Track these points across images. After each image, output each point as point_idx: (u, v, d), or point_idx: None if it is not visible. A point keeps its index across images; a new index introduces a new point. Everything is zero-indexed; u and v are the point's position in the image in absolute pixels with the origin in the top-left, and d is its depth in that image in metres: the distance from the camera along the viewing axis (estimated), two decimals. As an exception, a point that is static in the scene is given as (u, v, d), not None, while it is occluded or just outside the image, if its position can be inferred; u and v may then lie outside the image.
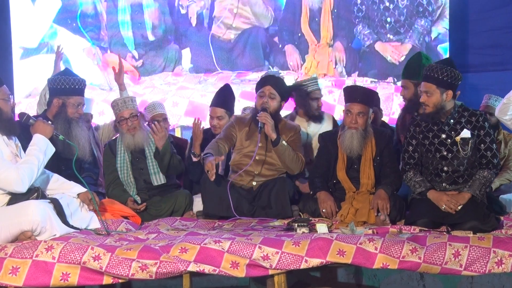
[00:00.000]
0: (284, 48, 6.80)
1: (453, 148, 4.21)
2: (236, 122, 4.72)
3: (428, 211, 4.13)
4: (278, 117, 4.68)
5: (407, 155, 4.35)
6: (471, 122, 4.22)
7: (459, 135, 4.20)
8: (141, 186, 4.79)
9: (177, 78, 6.69)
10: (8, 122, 3.82)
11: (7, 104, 3.81)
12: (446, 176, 4.24)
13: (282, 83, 4.74)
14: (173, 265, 3.39)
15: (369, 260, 3.49)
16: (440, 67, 4.16)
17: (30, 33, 6.45)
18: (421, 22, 6.86)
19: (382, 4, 6.82)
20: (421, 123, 4.31)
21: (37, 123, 3.92)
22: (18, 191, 3.66)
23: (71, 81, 4.71)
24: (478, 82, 6.88)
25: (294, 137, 4.68)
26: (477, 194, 4.11)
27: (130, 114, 4.78)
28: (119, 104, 4.81)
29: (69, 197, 3.98)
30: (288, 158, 4.57)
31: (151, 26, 6.64)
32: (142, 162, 4.82)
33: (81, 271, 3.38)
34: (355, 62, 6.86)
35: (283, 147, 4.54)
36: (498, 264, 3.50)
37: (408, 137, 4.36)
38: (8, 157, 3.76)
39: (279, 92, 4.63)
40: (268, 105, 4.59)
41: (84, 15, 6.53)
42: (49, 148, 3.89)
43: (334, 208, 4.40)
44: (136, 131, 4.77)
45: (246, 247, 3.47)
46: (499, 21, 6.82)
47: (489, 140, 4.20)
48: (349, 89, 4.61)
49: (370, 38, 6.83)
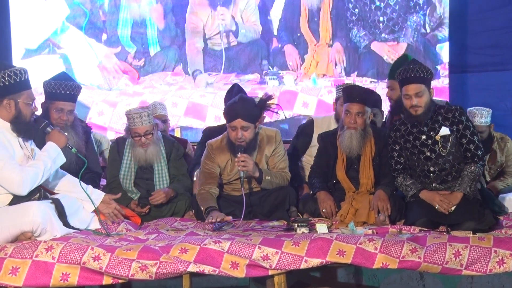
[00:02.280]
0: (284, 48, 6.80)
1: (435, 147, 4.22)
2: (213, 152, 4.51)
3: (425, 211, 4.14)
4: (256, 140, 4.47)
5: (394, 161, 4.37)
6: (448, 118, 4.23)
7: (438, 133, 4.21)
8: (144, 195, 4.70)
9: (176, 78, 6.69)
10: (26, 126, 3.81)
11: (29, 108, 3.81)
12: (434, 176, 4.26)
13: (251, 111, 4.38)
14: (173, 266, 3.39)
15: (369, 260, 3.49)
16: (419, 65, 4.19)
17: (30, 33, 6.44)
18: (414, 17, 6.85)
19: (373, 4, 6.82)
20: (400, 127, 4.34)
21: (53, 132, 3.94)
22: (18, 193, 3.66)
23: (57, 85, 4.51)
24: (478, 82, 6.88)
25: (276, 151, 4.55)
26: (468, 192, 4.12)
27: (145, 132, 4.58)
28: (135, 119, 4.55)
29: (71, 197, 3.98)
30: (275, 185, 4.48)
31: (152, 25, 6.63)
32: (149, 173, 4.72)
33: (81, 271, 3.38)
34: (355, 62, 6.86)
35: (267, 180, 4.44)
36: (500, 263, 3.50)
37: (391, 143, 4.39)
38: (19, 159, 3.76)
39: (251, 120, 4.36)
40: (243, 138, 4.35)
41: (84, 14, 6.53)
42: (59, 157, 3.88)
43: (334, 208, 4.40)
44: (149, 146, 4.62)
45: (246, 248, 3.47)
46: (498, 21, 6.82)
47: (469, 133, 4.21)
48: (348, 89, 4.61)
49: (366, 40, 6.83)
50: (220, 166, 4.51)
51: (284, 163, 4.59)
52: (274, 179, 4.47)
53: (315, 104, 6.71)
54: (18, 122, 3.78)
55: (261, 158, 4.52)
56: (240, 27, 6.71)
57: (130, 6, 6.62)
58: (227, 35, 6.72)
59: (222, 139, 4.52)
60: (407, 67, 4.19)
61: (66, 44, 6.50)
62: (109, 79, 6.55)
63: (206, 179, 4.48)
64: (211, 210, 4.20)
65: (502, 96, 6.61)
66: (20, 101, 3.77)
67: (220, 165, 4.51)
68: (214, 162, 4.50)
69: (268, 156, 4.54)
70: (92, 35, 6.57)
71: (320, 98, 6.71)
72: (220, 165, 4.51)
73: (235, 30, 6.71)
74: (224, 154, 4.49)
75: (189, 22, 6.68)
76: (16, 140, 3.81)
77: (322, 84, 6.78)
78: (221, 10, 6.71)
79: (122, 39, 6.60)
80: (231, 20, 6.72)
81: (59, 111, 4.53)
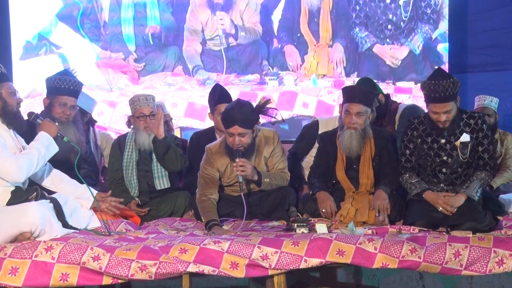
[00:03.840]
0: (284, 49, 6.80)
1: (453, 152, 4.21)
2: (212, 156, 4.46)
3: (424, 212, 4.14)
4: (254, 144, 4.44)
5: (404, 159, 4.36)
6: (470, 124, 4.21)
7: (458, 139, 4.19)
8: (144, 189, 4.74)
9: (176, 79, 6.69)
10: (14, 115, 3.87)
11: (13, 98, 3.87)
12: (444, 178, 4.26)
13: (249, 117, 4.32)
14: (172, 266, 3.39)
15: (368, 260, 3.49)
16: (449, 80, 4.07)
17: (30, 34, 6.44)
18: (421, 26, 6.85)
19: (379, 9, 6.81)
20: (419, 126, 4.31)
21: (43, 122, 4.00)
22: (15, 180, 3.70)
23: (61, 80, 4.62)
24: (478, 82, 6.87)
25: (274, 152, 4.53)
26: (473, 196, 4.11)
27: (151, 112, 4.66)
28: (141, 100, 4.68)
29: (68, 197, 3.98)
30: (275, 186, 4.47)
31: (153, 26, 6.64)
32: (148, 164, 4.76)
33: (81, 271, 3.38)
34: (355, 62, 6.86)
35: (267, 183, 4.43)
36: (499, 264, 3.50)
37: (406, 140, 4.36)
38: (11, 149, 3.80)
39: (248, 126, 4.31)
40: (240, 144, 4.31)
41: (84, 14, 6.52)
42: (52, 146, 3.92)
43: (334, 208, 4.39)
44: (152, 130, 4.67)
45: (245, 247, 3.47)
46: (499, 21, 6.82)
47: (487, 142, 4.21)
48: (348, 90, 4.61)
49: (368, 41, 6.83)
50: (219, 171, 4.49)
51: (283, 163, 4.57)
52: (273, 181, 4.46)
53: (315, 104, 6.70)
54: (6, 113, 3.83)
55: (260, 160, 4.50)
56: (240, 30, 6.72)
57: (130, 6, 6.61)
58: (226, 37, 6.72)
59: (221, 143, 4.49)
60: (436, 81, 4.05)
61: (65, 44, 6.49)
62: (109, 79, 6.54)
63: (206, 184, 4.45)
64: (213, 225, 4.13)
65: (503, 96, 6.59)
66: (2, 92, 3.81)
67: (219, 170, 4.48)
68: (213, 167, 4.47)
69: (266, 157, 4.53)
70: (92, 34, 6.56)
71: (320, 99, 6.70)
72: (219, 170, 4.48)
73: (235, 33, 6.71)
74: (224, 158, 4.46)
75: (188, 22, 6.68)
76: (8, 133, 3.85)
77: (322, 84, 6.77)
78: (220, 15, 6.70)
79: (122, 39, 6.59)
80: (231, 24, 6.72)
81: (63, 106, 4.61)
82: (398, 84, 6.83)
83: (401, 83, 6.83)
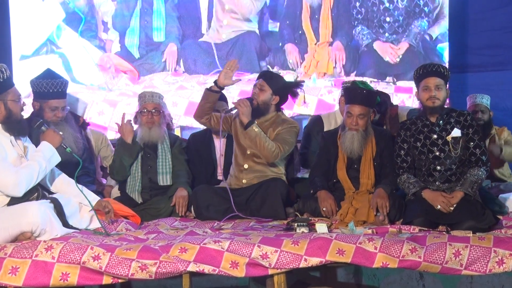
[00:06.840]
0: (284, 47, 6.79)
1: (445, 147, 4.28)
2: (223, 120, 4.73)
3: (423, 210, 4.15)
4: (266, 109, 4.67)
5: (400, 159, 4.40)
6: (460, 121, 4.32)
7: (449, 134, 4.28)
8: (145, 184, 4.78)
9: (176, 78, 6.68)
10: (18, 124, 3.81)
11: (17, 105, 3.81)
12: (439, 175, 4.30)
13: (276, 78, 4.74)
14: (172, 265, 3.39)
15: (368, 259, 3.49)
16: (439, 64, 4.34)
17: (30, 34, 6.43)
18: (418, 23, 6.85)
19: (382, 5, 6.81)
20: (411, 126, 4.39)
21: (48, 131, 3.94)
22: (13, 194, 3.66)
23: (48, 85, 4.62)
24: (477, 82, 6.88)
25: (283, 131, 4.63)
26: (469, 191, 4.16)
27: (154, 108, 4.81)
28: (147, 96, 4.86)
29: (68, 197, 3.97)
30: (259, 143, 4.52)
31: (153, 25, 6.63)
32: (152, 159, 4.81)
33: (81, 271, 3.38)
34: (355, 61, 6.85)
35: (254, 132, 4.52)
36: (499, 263, 3.50)
37: (399, 141, 4.42)
38: (13, 160, 3.75)
39: (271, 85, 4.63)
40: (256, 95, 4.63)
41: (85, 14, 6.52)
42: (54, 157, 3.88)
43: (335, 207, 4.40)
44: (154, 125, 4.79)
45: (245, 246, 3.47)
46: (499, 21, 6.82)
47: (477, 138, 4.31)
48: (350, 90, 4.62)
49: (369, 38, 6.83)
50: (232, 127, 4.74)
51: (285, 142, 4.59)
52: (262, 137, 4.51)
53: (315, 103, 6.69)
54: (10, 122, 3.77)
55: (272, 135, 4.63)
56: (240, 30, 6.71)
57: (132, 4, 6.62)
58: (226, 36, 6.71)
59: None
60: (433, 63, 4.35)
61: (65, 44, 6.48)
62: (109, 79, 6.54)
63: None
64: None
65: (502, 96, 6.61)
66: (8, 100, 3.75)
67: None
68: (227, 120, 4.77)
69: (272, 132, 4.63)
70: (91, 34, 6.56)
71: (320, 98, 6.70)
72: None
73: (235, 33, 6.71)
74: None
75: (188, 21, 6.68)
76: (7, 140, 3.79)
77: (322, 83, 6.77)
78: (221, 14, 6.70)
79: (123, 39, 6.59)
80: (231, 23, 6.71)
81: (54, 109, 4.64)
82: (399, 83, 6.82)
83: (402, 82, 6.83)
